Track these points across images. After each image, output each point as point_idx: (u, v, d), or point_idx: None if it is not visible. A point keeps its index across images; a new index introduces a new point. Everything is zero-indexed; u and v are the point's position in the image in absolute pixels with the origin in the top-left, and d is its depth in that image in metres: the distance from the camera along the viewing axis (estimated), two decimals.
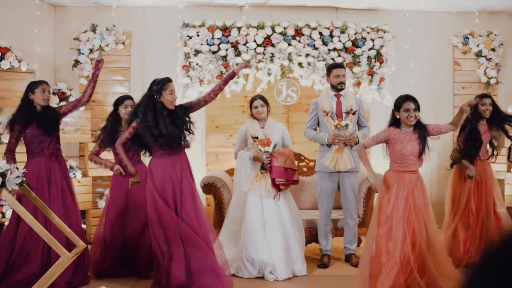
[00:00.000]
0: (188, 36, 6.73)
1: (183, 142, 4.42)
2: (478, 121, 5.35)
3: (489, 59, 7.15)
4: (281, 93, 6.86)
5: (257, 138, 5.08)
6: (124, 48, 6.91)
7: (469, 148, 5.29)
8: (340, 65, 5.31)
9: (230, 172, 6.31)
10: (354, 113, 5.18)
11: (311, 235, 5.47)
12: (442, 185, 7.25)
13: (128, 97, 5.24)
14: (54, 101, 6.09)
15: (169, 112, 4.39)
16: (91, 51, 6.78)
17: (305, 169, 6.39)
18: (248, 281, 4.77)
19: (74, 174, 6.17)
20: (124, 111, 5.11)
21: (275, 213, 4.99)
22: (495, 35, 7.16)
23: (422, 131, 4.36)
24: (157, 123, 4.24)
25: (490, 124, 5.42)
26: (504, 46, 7.23)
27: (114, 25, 6.84)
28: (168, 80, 4.37)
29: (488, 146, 5.49)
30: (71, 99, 6.21)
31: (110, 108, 5.48)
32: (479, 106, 5.33)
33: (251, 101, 5.25)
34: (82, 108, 6.34)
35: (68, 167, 6.07)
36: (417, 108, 4.37)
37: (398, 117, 4.36)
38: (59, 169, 4.70)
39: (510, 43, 7.32)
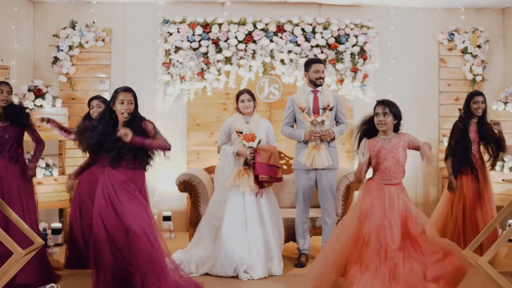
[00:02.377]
0: (168, 32, 6.64)
1: (136, 161, 3.99)
2: (470, 120, 5.24)
3: (474, 56, 7.06)
4: (263, 90, 6.77)
5: (241, 133, 4.99)
6: (104, 45, 6.81)
7: (460, 155, 5.17)
8: (319, 61, 5.21)
9: (210, 170, 6.21)
10: (331, 109, 5.07)
11: (289, 234, 5.36)
12: (428, 183, 7.16)
13: (96, 98, 5.11)
14: (29, 98, 5.99)
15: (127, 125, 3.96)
16: (70, 48, 6.68)
17: (285, 167, 6.29)
18: (220, 280, 4.66)
19: (50, 172, 6.08)
20: (91, 112, 5.02)
21: (256, 210, 4.90)
22: (481, 31, 7.07)
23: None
24: (96, 128, 3.91)
25: (479, 125, 5.28)
26: (490, 43, 7.14)
27: (94, 22, 6.75)
28: (122, 90, 4.02)
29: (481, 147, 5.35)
30: (48, 96, 6.12)
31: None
32: (471, 104, 5.22)
33: (238, 95, 5.15)
34: (59, 105, 6.25)
35: (45, 164, 5.99)
36: (392, 113, 4.13)
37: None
38: (18, 172, 4.58)
39: (496, 40, 7.23)
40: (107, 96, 6.81)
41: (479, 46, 7.05)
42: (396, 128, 4.18)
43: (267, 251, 4.84)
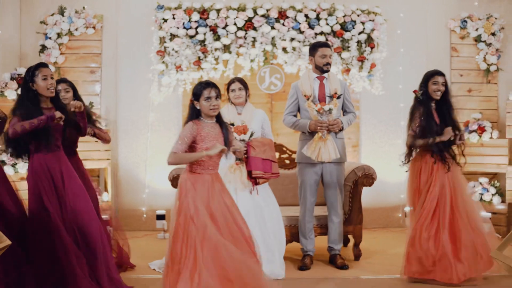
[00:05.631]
0: (163, 19, 6.25)
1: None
2: (429, 103, 4.45)
3: (488, 45, 6.65)
4: (264, 81, 6.38)
5: (233, 125, 4.55)
6: (95, 33, 6.42)
7: (429, 127, 4.34)
8: (326, 44, 4.80)
9: None
10: (338, 97, 4.65)
11: (292, 234, 4.95)
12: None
13: (62, 81, 4.58)
14: (12, 87, 5.59)
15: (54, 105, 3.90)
16: (59, 35, 6.29)
17: (287, 161, 5.88)
18: None
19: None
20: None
21: (252, 209, 4.46)
22: (496, 18, 6.66)
23: None
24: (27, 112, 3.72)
25: (438, 110, 4.50)
26: (505, 30, 6.73)
27: (84, 8, 6.36)
28: (40, 65, 3.83)
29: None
30: None
31: None
32: (430, 85, 4.42)
33: (229, 84, 4.74)
34: None
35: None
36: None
37: None
38: None
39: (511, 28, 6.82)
40: (98, 87, 6.44)
41: (493, 34, 6.64)
42: None
43: (267, 253, 4.42)
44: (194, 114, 3.72)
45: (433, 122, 4.36)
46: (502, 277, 4.29)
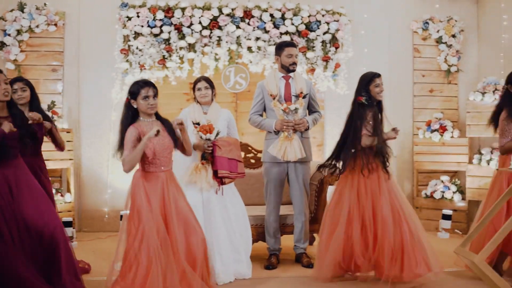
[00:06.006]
0: (127, 17, 6.15)
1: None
2: (374, 105, 4.36)
3: (449, 46, 6.80)
4: (229, 80, 6.36)
5: (198, 124, 4.50)
6: (57, 30, 6.29)
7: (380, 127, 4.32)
8: (293, 44, 4.81)
9: None
10: (304, 97, 4.67)
11: (258, 233, 4.95)
12: (402, 178, 6.86)
13: (18, 79, 4.44)
14: None
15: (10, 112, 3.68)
16: (19, 32, 6.14)
17: (252, 160, 5.87)
18: None
19: None
20: (15, 96, 4.30)
21: (218, 209, 4.43)
22: (456, 20, 6.81)
23: None
24: None
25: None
26: (464, 32, 6.89)
27: (45, 4, 6.23)
28: None
29: None
30: None
31: (40, 96, 4.78)
32: (372, 88, 4.33)
33: (195, 83, 4.69)
34: None
35: None
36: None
37: None
38: None
39: (470, 30, 6.99)
40: (60, 86, 6.31)
41: (453, 36, 6.80)
42: None
43: (233, 253, 4.40)
44: (130, 112, 3.71)
45: (380, 125, 4.36)
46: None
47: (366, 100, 4.30)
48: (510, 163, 4.19)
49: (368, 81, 4.35)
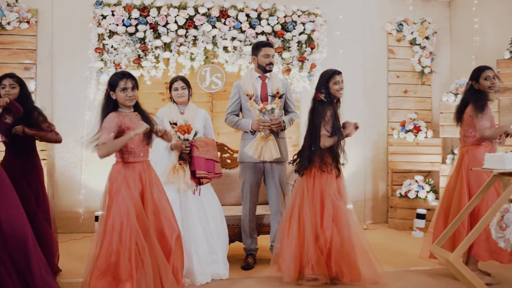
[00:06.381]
0: (102, 15, 6.08)
1: None
2: (333, 103, 4.31)
3: (423, 48, 6.90)
4: (205, 80, 6.34)
5: (175, 124, 4.47)
6: (30, 28, 6.17)
7: (340, 126, 4.28)
8: (270, 44, 4.80)
9: None
10: (280, 97, 4.68)
11: (235, 233, 4.93)
12: (376, 177, 6.93)
13: (8, 76, 4.43)
14: None
15: None
16: None
17: (229, 161, 5.85)
18: None
19: None
20: (2, 92, 4.30)
21: (195, 209, 4.41)
22: (429, 23, 6.91)
23: None
24: None
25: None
26: (437, 34, 7.00)
27: (16, 1, 6.11)
28: None
29: None
30: None
31: None
32: (331, 85, 4.27)
33: (171, 83, 4.66)
34: None
35: None
36: None
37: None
38: None
39: (443, 32, 7.11)
40: (33, 85, 6.20)
41: (427, 38, 6.90)
42: None
43: (211, 253, 4.39)
44: (111, 104, 3.70)
45: (339, 123, 4.32)
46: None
47: (325, 98, 4.25)
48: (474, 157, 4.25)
49: (327, 78, 4.30)
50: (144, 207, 3.66)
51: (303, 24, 6.39)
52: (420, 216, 6.12)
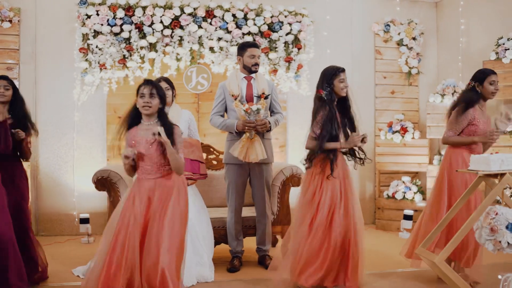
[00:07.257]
0: (86, 15, 6.00)
1: None
2: (333, 102, 4.11)
3: (410, 48, 6.89)
4: (191, 80, 6.28)
5: None
6: (12, 27, 6.07)
7: (329, 131, 4.07)
8: (255, 44, 4.75)
9: None
10: (266, 98, 4.63)
11: (220, 235, 4.88)
12: (364, 178, 6.91)
13: (2, 77, 4.32)
14: None
15: None
16: None
17: (214, 162, 5.80)
18: None
19: None
20: None
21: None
22: (416, 23, 6.91)
23: None
24: None
25: (339, 105, 4.21)
26: (424, 35, 7.00)
27: None
28: None
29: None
30: None
31: None
32: (336, 83, 4.08)
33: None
34: None
35: None
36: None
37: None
38: None
39: (430, 33, 7.10)
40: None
41: (414, 39, 6.89)
42: None
43: (195, 256, 4.34)
44: (134, 112, 3.66)
45: (335, 126, 4.10)
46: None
47: (326, 96, 4.07)
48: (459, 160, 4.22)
49: (332, 75, 4.09)
50: (145, 225, 3.52)
51: (290, 24, 6.35)
52: (407, 217, 6.11)
